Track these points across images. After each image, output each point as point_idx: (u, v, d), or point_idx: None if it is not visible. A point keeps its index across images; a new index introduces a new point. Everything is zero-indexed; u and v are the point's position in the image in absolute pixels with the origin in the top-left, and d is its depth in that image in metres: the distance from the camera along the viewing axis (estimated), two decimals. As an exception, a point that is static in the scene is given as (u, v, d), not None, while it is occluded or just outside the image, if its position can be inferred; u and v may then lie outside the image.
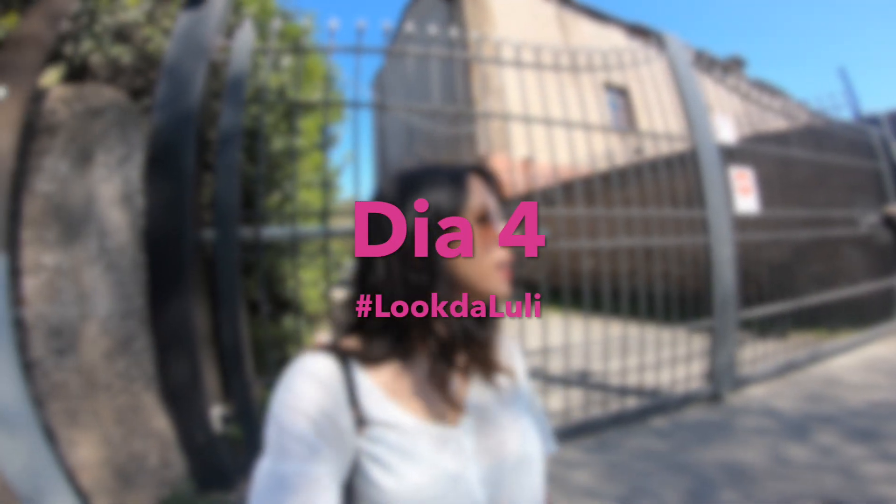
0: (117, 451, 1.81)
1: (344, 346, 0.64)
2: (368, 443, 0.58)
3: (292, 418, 0.54)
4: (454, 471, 0.59)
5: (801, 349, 4.25)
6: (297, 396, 0.56)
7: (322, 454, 0.53)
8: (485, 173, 0.69)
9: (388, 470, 0.56)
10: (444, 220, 0.62)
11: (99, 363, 1.71)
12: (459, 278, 0.63)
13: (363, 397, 0.60)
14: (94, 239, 1.73)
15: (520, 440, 0.66)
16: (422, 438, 0.60)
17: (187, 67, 2.39)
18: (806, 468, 2.44)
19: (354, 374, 0.61)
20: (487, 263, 0.64)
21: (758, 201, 3.86)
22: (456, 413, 0.64)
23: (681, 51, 3.85)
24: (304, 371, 0.58)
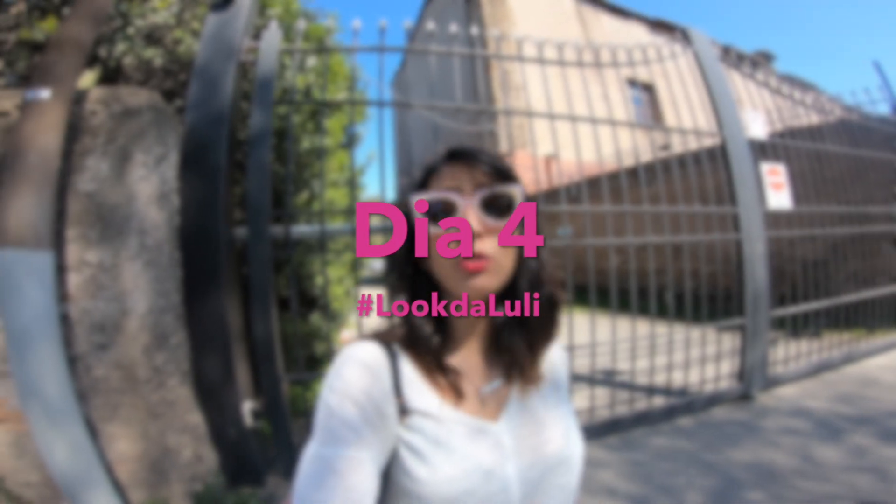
0: (154, 445, 1.85)
1: (391, 334, 0.65)
2: (407, 431, 0.59)
3: (341, 404, 0.55)
4: (489, 465, 0.58)
5: (835, 349, 4.14)
6: (346, 383, 0.57)
7: (367, 439, 0.54)
8: (464, 155, 0.64)
9: (423, 459, 0.57)
10: (411, 217, 0.63)
11: (138, 358, 1.75)
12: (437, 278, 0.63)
13: (406, 386, 0.60)
14: (134, 237, 1.77)
15: (563, 441, 0.65)
16: (458, 430, 0.60)
17: (217, 68, 2.43)
18: (838, 469, 2.38)
19: (400, 362, 0.62)
20: (444, 263, 0.61)
21: (791, 197, 3.76)
22: (497, 408, 0.64)
23: (707, 46, 3.77)
24: (354, 358, 0.60)
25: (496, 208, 0.61)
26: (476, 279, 0.59)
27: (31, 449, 1.83)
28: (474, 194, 0.61)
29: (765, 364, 3.46)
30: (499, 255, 0.60)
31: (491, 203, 0.61)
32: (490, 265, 0.59)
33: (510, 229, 0.62)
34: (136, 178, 1.81)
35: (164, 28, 2.71)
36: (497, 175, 0.62)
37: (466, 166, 0.63)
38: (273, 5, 3.07)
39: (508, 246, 0.62)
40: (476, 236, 0.59)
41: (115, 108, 1.88)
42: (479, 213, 0.60)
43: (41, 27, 2.12)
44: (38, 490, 1.90)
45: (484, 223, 0.60)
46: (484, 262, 0.59)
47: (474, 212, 0.59)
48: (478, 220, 0.59)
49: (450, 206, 0.60)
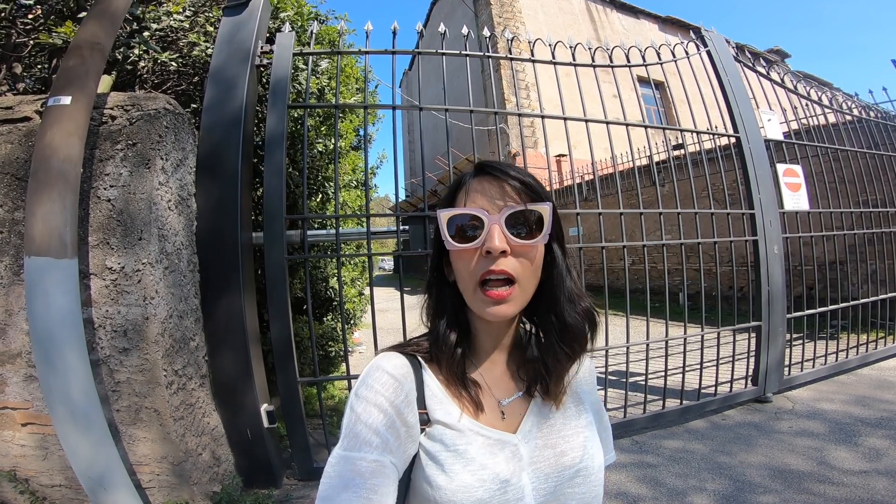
0: (174, 447, 1.87)
1: (415, 345, 0.68)
2: (428, 440, 0.61)
3: (367, 410, 0.58)
4: (506, 475, 0.59)
5: (851, 351, 4.09)
6: (373, 391, 0.59)
7: (390, 445, 0.56)
8: (492, 171, 0.64)
9: (442, 467, 0.59)
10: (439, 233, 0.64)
11: (160, 362, 1.77)
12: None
13: (429, 397, 0.63)
14: (154, 243, 1.79)
15: (579, 453, 0.65)
16: (477, 441, 0.61)
17: (231, 72, 2.45)
18: (853, 473, 2.36)
19: (424, 374, 0.64)
20: (467, 282, 0.62)
21: (808, 198, 3.71)
22: (516, 419, 0.66)
23: (723, 46, 3.72)
24: (381, 369, 0.62)
25: (523, 226, 0.60)
26: (497, 307, 0.60)
27: (55, 451, 1.88)
28: (501, 212, 0.60)
29: (780, 366, 3.43)
30: (522, 274, 0.60)
31: (518, 221, 0.60)
32: (512, 294, 0.60)
33: (536, 248, 0.62)
34: (155, 184, 1.82)
35: (179, 31, 2.72)
36: (526, 192, 0.62)
37: (495, 182, 0.63)
38: (285, 8, 3.08)
39: (531, 266, 0.62)
40: (501, 255, 0.59)
41: (134, 114, 1.90)
42: (505, 231, 0.59)
43: (59, 32, 2.14)
44: (62, 492, 1.94)
45: (509, 241, 0.59)
46: (505, 293, 0.59)
47: (500, 230, 0.59)
48: (501, 239, 0.58)
49: (476, 223, 0.60)
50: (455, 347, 0.65)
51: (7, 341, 1.79)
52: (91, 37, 1.61)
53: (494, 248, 0.58)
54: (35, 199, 1.35)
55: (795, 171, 3.68)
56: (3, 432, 1.90)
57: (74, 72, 1.56)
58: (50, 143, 1.38)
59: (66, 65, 1.53)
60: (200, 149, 2.27)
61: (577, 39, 3.26)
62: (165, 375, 1.80)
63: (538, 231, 0.61)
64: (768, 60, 4.18)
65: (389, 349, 0.68)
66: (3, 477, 1.93)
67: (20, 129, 1.87)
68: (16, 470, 1.94)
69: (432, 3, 19.15)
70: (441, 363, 0.65)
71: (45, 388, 1.38)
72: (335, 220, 2.48)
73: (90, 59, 1.56)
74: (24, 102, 1.93)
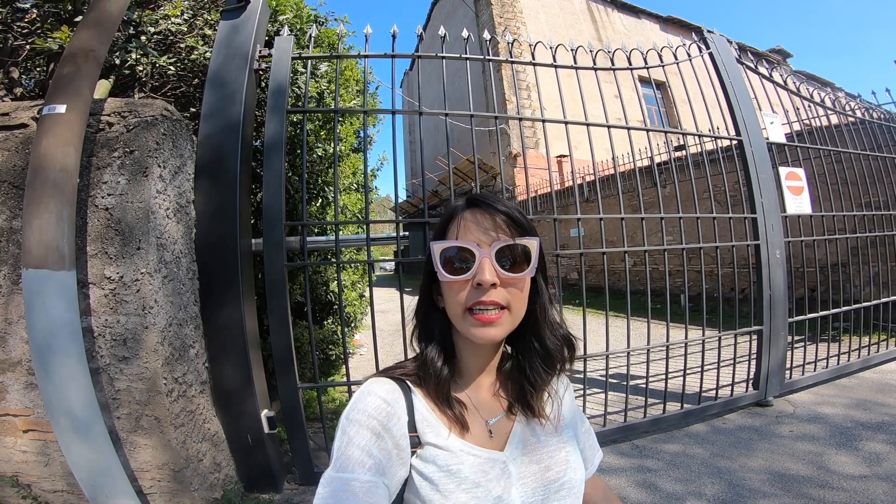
0: (175, 454, 1.87)
1: (404, 369, 0.71)
2: (421, 462, 0.63)
3: (359, 432, 0.59)
4: (497, 492, 0.62)
5: (853, 354, 4.08)
6: (364, 414, 0.61)
7: (382, 466, 0.58)
8: (483, 205, 0.68)
9: (436, 488, 0.61)
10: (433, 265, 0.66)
11: (160, 370, 1.77)
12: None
13: (419, 421, 0.65)
14: (153, 252, 1.78)
15: (563, 467, 0.69)
16: (468, 460, 0.63)
17: (230, 76, 2.43)
18: (853, 478, 2.36)
19: (413, 397, 0.67)
20: (455, 308, 0.65)
21: (810, 201, 3.69)
22: (503, 438, 0.69)
23: (726, 48, 3.70)
24: (372, 393, 0.64)
25: (511, 259, 0.64)
26: (485, 329, 0.63)
27: (57, 457, 1.89)
28: (492, 246, 0.63)
29: (781, 370, 3.42)
30: (512, 303, 0.64)
31: (506, 254, 0.64)
32: (501, 318, 0.64)
33: (524, 279, 0.66)
34: (153, 192, 1.81)
35: (177, 35, 2.72)
36: (514, 227, 0.66)
37: (487, 216, 0.66)
38: (284, 11, 3.07)
39: (520, 295, 0.66)
40: (491, 287, 0.62)
41: (131, 120, 1.89)
42: (494, 263, 0.63)
43: (55, 37, 2.13)
44: (63, 497, 1.95)
45: (499, 274, 0.63)
46: (494, 317, 0.63)
47: (490, 263, 0.62)
48: (492, 272, 0.62)
49: (468, 255, 0.64)
50: (442, 370, 0.68)
51: (7, 349, 1.79)
52: (85, 44, 1.60)
53: (485, 281, 0.62)
54: (31, 211, 1.34)
55: (798, 175, 3.67)
56: (5, 438, 1.90)
57: (69, 79, 1.55)
58: (45, 153, 1.38)
59: (61, 72, 1.52)
60: (199, 155, 2.26)
61: (578, 39, 3.25)
62: (165, 383, 1.80)
63: (526, 264, 0.65)
64: (770, 61, 4.16)
65: (378, 374, 0.70)
66: (6, 482, 1.94)
67: (17, 136, 1.86)
68: (18, 476, 1.95)
69: (433, 4, 19.11)
70: (429, 386, 0.67)
71: (46, 397, 1.38)
72: (335, 226, 2.47)
73: (84, 67, 1.55)
74: (21, 109, 1.92)
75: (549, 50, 3.12)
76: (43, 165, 1.36)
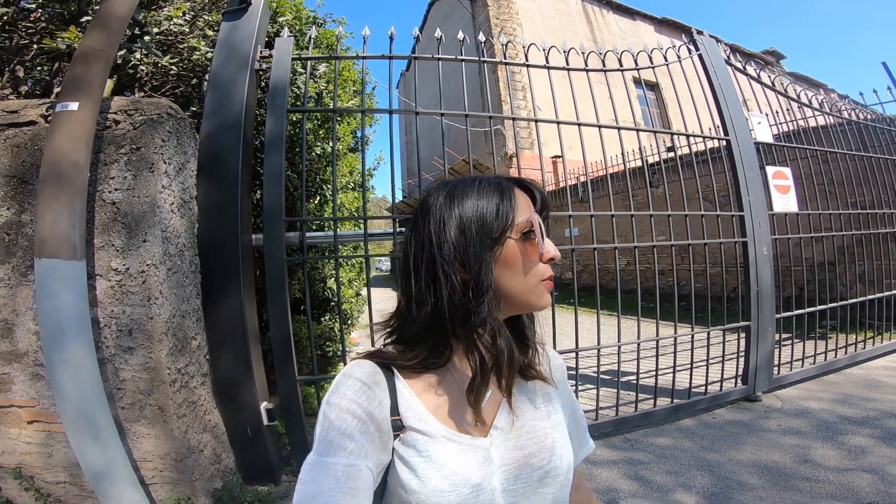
0: (177, 444, 1.92)
1: (387, 353, 0.69)
2: (402, 446, 0.63)
3: (340, 416, 0.60)
4: (476, 480, 0.61)
5: (839, 351, 4.17)
6: (345, 398, 0.61)
7: (365, 450, 0.58)
8: (527, 187, 0.71)
9: (415, 473, 0.61)
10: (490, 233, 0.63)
11: (164, 361, 1.82)
12: (504, 292, 0.66)
13: (401, 404, 0.64)
14: (158, 245, 1.84)
15: (548, 454, 0.68)
16: (449, 446, 0.63)
17: (231, 77, 2.49)
18: (838, 470, 2.43)
19: (396, 380, 0.66)
20: (533, 279, 0.66)
21: (796, 200, 3.79)
22: (486, 425, 0.67)
23: (715, 50, 3.79)
24: (353, 376, 0.64)
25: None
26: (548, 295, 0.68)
27: (60, 448, 1.92)
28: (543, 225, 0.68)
29: (769, 365, 3.50)
30: None
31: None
32: None
33: None
34: (159, 188, 1.87)
35: (179, 35, 2.77)
36: (544, 206, 0.71)
37: (533, 196, 0.70)
38: (283, 12, 3.13)
39: None
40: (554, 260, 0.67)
41: (137, 118, 1.95)
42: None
43: (63, 37, 2.18)
44: (66, 488, 1.98)
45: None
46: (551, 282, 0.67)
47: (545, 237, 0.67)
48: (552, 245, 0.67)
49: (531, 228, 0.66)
50: (429, 357, 0.66)
51: (14, 340, 1.83)
52: (95, 44, 1.65)
53: (558, 256, 0.67)
54: (44, 203, 1.40)
55: (784, 174, 3.76)
56: (9, 430, 1.93)
57: (81, 78, 1.60)
58: (58, 149, 1.43)
59: (73, 71, 1.57)
60: (201, 153, 2.31)
61: (573, 40, 3.34)
62: (169, 374, 1.85)
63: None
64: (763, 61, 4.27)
65: (361, 357, 0.69)
66: (9, 474, 1.97)
67: (25, 133, 1.91)
68: (21, 467, 1.98)
69: (429, 5, 19.18)
70: (413, 367, 0.66)
71: (55, 385, 1.42)
72: (333, 222, 2.53)
73: (95, 66, 1.61)
74: (30, 106, 1.97)
75: (542, 52, 3.19)
76: (56, 160, 1.42)
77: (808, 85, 22.14)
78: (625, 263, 8.78)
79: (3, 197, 1.84)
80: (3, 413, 1.92)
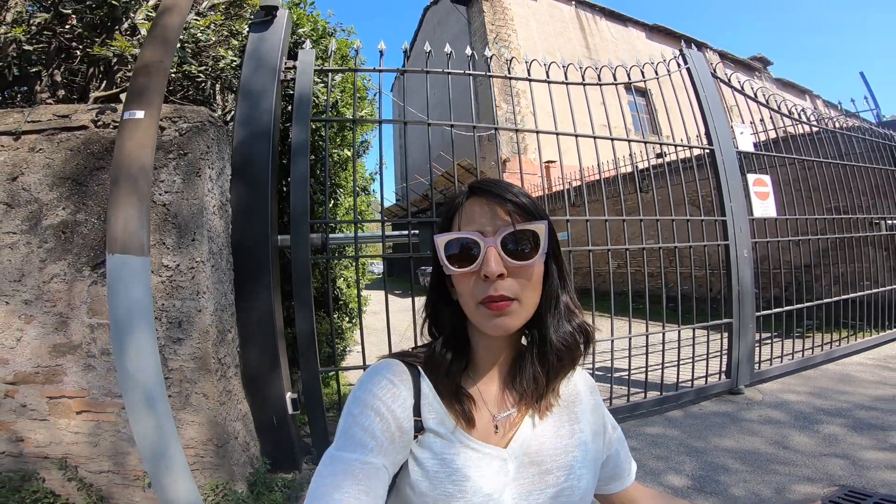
0: (220, 430, 2.06)
1: (415, 354, 0.70)
2: (419, 447, 0.63)
3: (364, 413, 0.60)
4: (488, 490, 0.61)
5: (817, 348, 4.44)
6: (371, 395, 0.61)
7: (385, 449, 0.58)
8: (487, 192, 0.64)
9: (427, 475, 0.61)
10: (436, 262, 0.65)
11: (209, 351, 1.98)
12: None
13: (424, 406, 0.64)
14: (205, 244, 2.00)
15: (565, 472, 0.67)
16: (466, 453, 0.63)
17: (261, 86, 2.64)
18: (812, 455, 2.63)
19: (422, 382, 0.66)
20: (469, 300, 0.62)
21: (776, 206, 4.06)
22: (507, 435, 0.67)
23: (702, 63, 4.04)
24: (381, 374, 0.65)
25: (519, 247, 0.61)
26: (498, 319, 0.60)
27: (107, 437, 2.04)
28: (497, 234, 0.60)
29: (751, 360, 3.76)
30: (521, 294, 0.61)
31: (514, 241, 0.61)
32: (512, 306, 0.60)
33: (533, 266, 0.62)
34: (205, 191, 2.03)
35: (207, 44, 2.90)
36: (520, 211, 0.62)
37: (490, 203, 0.63)
38: (303, 24, 3.29)
39: (530, 284, 0.62)
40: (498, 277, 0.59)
41: (182, 125, 2.10)
42: (500, 253, 0.60)
43: (113, 45, 2.31)
44: (109, 477, 2.09)
45: (505, 264, 0.60)
46: (506, 304, 0.60)
47: (496, 252, 0.60)
48: (498, 262, 0.59)
49: (473, 245, 0.61)
50: (452, 362, 0.66)
51: (68, 333, 1.97)
52: (155, 56, 1.75)
53: (491, 272, 0.59)
54: (116, 203, 1.54)
55: (764, 181, 4.03)
56: (59, 420, 2.05)
57: (145, 88, 1.70)
58: (129, 154, 1.58)
59: (137, 82, 1.71)
60: (235, 158, 2.47)
61: (567, 46, 3.58)
62: (214, 363, 2.01)
63: (535, 250, 0.61)
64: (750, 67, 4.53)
65: (391, 356, 0.70)
66: (54, 465, 2.06)
67: (78, 137, 2.06)
68: (67, 458, 2.07)
69: (425, 9, 19.26)
70: (438, 375, 0.66)
71: (121, 371, 1.56)
72: (354, 224, 2.71)
73: (156, 77, 1.73)
74: (80, 112, 2.11)
75: (543, 67, 3.40)
76: (126, 164, 1.57)
77: (794, 91, 22.71)
78: (615, 266, 9.06)
79: (59, 197, 1.99)
80: (54, 404, 2.04)
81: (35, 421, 2.04)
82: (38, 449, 2.05)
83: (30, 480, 2.03)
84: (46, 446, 2.06)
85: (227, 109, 3.16)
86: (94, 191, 2.04)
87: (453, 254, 0.62)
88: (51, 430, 2.06)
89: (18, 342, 2.01)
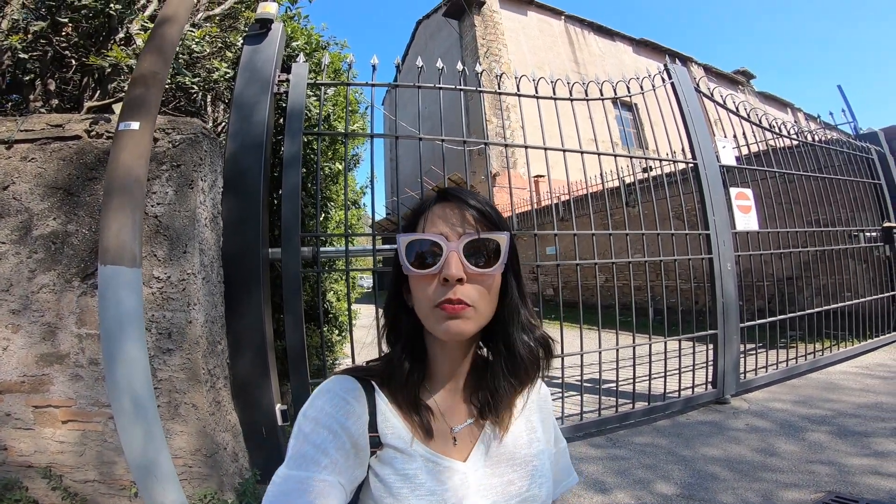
0: (209, 440, 2.06)
1: (368, 369, 0.70)
2: (378, 463, 0.62)
3: (315, 430, 0.59)
4: (452, 502, 0.61)
5: (802, 358, 4.52)
6: (321, 412, 0.60)
7: (339, 465, 0.57)
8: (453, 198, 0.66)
9: (390, 491, 0.60)
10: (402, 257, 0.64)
11: (199, 362, 1.98)
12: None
13: (381, 421, 0.64)
14: (197, 255, 2.01)
15: (527, 482, 0.67)
16: (427, 467, 0.63)
17: (254, 99, 2.67)
18: (798, 462, 2.68)
19: (377, 397, 0.65)
20: (424, 304, 0.62)
21: (758, 219, 4.16)
22: (467, 447, 0.67)
23: (686, 79, 4.16)
24: (331, 391, 0.64)
25: (481, 255, 0.62)
26: (452, 322, 0.60)
27: (93, 447, 2.03)
28: (460, 239, 0.62)
29: (736, 370, 3.82)
30: (479, 302, 0.62)
31: (476, 249, 0.62)
32: (468, 310, 0.60)
33: (493, 276, 0.63)
34: (197, 203, 2.05)
35: (201, 56, 2.94)
36: (485, 221, 0.64)
37: (456, 209, 0.64)
38: (297, 37, 3.34)
39: (487, 294, 0.63)
40: (457, 282, 0.60)
41: (175, 137, 2.12)
42: (462, 258, 0.61)
43: (110, 55, 2.32)
44: (94, 486, 2.06)
45: (466, 269, 0.61)
46: (461, 307, 0.60)
47: (458, 257, 0.60)
48: (459, 267, 0.60)
49: (436, 249, 0.61)
50: (409, 373, 0.65)
51: (56, 343, 1.97)
52: (151, 67, 1.76)
53: (451, 275, 0.59)
54: (109, 214, 1.55)
55: (746, 195, 4.14)
56: (44, 429, 2.03)
57: (140, 99, 1.71)
58: (123, 165, 1.59)
59: (133, 93, 1.72)
60: (226, 170, 2.49)
61: (556, 60, 3.68)
62: (203, 373, 2.01)
63: (495, 260, 0.62)
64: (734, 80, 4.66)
65: (342, 372, 0.69)
66: (38, 474, 2.04)
67: (70, 147, 2.07)
68: (51, 467, 2.05)
69: (418, 23, 19.54)
70: (394, 388, 0.65)
71: (111, 381, 1.56)
72: (345, 238, 2.73)
73: (153, 88, 1.74)
74: (74, 121, 2.13)
75: (532, 83, 3.48)
76: (120, 175, 1.58)
77: (776, 104, 23.27)
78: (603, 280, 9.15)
79: (50, 208, 1.99)
80: (40, 413, 2.03)
81: (19, 430, 2.02)
82: (23, 458, 2.03)
83: (12, 489, 2.00)
84: (31, 455, 2.04)
85: (219, 121, 3.19)
86: (85, 201, 2.05)
87: (415, 254, 0.62)
88: (36, 439, 2.04)
89: (4, 351, 2.00)
